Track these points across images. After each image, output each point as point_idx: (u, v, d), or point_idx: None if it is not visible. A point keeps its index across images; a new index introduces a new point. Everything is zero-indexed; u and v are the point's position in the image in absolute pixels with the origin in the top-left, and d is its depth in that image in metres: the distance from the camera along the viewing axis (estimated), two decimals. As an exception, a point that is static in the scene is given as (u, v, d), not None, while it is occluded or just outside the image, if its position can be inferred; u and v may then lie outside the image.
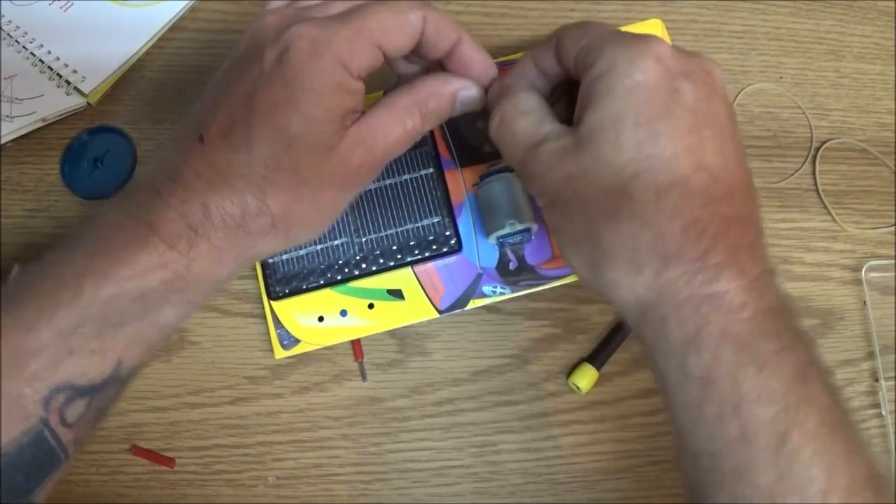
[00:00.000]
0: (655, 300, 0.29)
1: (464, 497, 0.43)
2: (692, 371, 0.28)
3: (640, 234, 0.29)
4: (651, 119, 0.29)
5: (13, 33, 0.48)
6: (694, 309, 0.29)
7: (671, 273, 0.29)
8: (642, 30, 0.44)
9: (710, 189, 0.29)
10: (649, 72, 0.30)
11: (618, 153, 0.29)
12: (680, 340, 0.29)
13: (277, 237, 0.33)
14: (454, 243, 0.42)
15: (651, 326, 0.30)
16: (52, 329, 0.30)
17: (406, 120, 0.34)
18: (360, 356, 0.44)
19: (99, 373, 0.32)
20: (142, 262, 0.31)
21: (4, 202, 0.46)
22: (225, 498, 0.43)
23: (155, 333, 0.33)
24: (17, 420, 0.30)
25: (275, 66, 0.31)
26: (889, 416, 0.44)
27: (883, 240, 0.47)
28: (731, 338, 0.28)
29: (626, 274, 0.30)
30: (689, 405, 0.29)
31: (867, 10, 0.51)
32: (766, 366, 0.28)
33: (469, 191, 0.43)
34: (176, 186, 0.32)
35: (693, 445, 0.29)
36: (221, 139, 0.32)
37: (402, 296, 0.42)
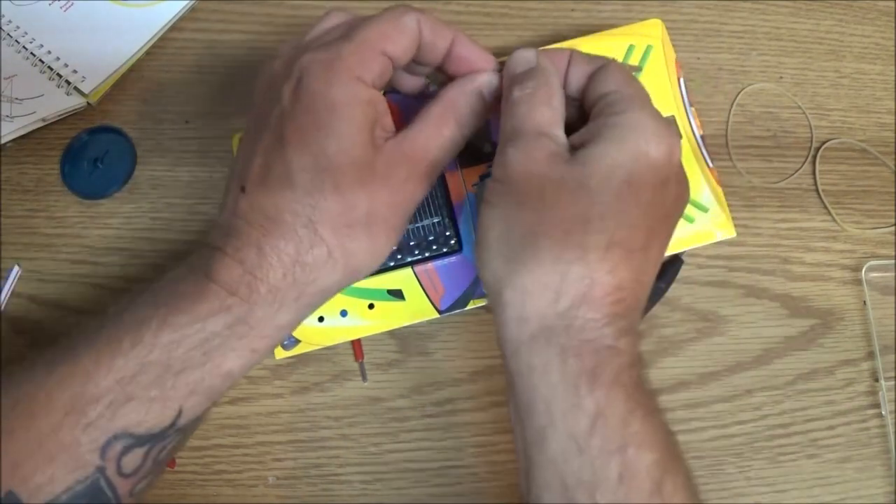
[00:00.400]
0: (560, 328, 0.30)
1: (464, 497, 0.43)
2: (584, 403, 0.29)
3: (576, 265, 0.30)
4: (640, 188, 0.31)
5: (13, 33, 0.48)
6: (593, 350, 0.30)
7: (586, 314, 0.30)
8: (642, 30, 0.44)
9: (641, 270, 0.31)
10: (661, 154, 0.31)
11: (599, 191, 0.31)
12: (576, 372, 0.30)
13: (336, 268, 0.33)
14: (454, 243, 0.42)
15: (544, 350, 0.30)
16: (110, 377, 0.30)
17: (442, 128, 0.34)
18: (361, 356, 0.44)
19: (158, 421, 0.31)
20: (203, 309, 0.31)
21: (4, 202, 0.46)
22: (225, 498, 0.43)
23: (217, 382, 0.32)
24: (73, 469, 0.30)
25: (293, 98, 0.32)
26: (889, 416, 0.44)
27: (883, 240, 0.47)
28: (624, 385, 0.30)
29: (543, 289, 0.30)
30: (576, 436, 0.29)
31: (867, 10, 0.51)
32: (649, 416, 0.30)
33: (469, 191, 0.43)
34: (229, 238, 0.32)
35: (564, 476, 0.29)
36: (262, 183, 0.32)
37: (402, 296, 0.42)
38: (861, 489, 0.43)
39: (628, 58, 0.44)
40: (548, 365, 0.30)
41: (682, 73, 0.45)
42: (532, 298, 0.31)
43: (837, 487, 0.43)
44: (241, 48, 0.49)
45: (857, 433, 0.44)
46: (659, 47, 0.44)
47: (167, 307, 0.31)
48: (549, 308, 0.30)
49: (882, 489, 0.43)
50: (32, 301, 0.45)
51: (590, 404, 0.29)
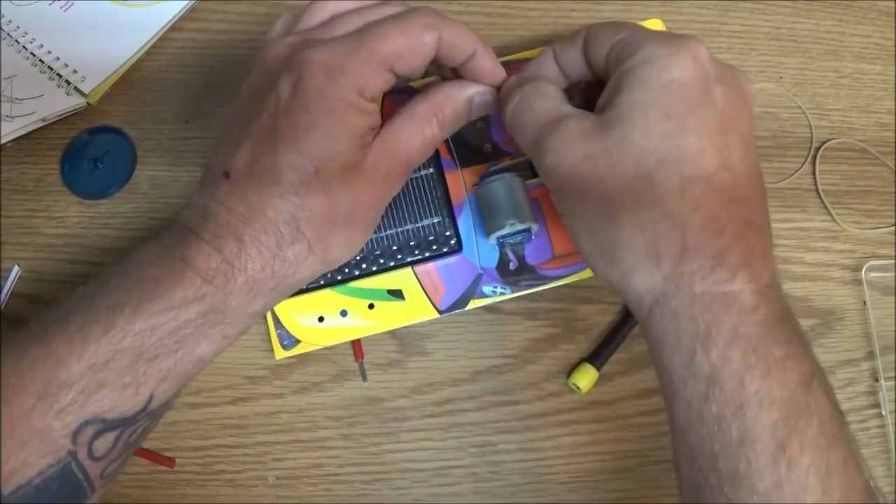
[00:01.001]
0: (669, 291, 0.29)
1: (464, 497, 0.43)
2: (699, 368, 0.28)
3: (660, 222, 0.29)
4: (682, 113, 0.29)
5: (13, 33, 0.48)
6: (707, 305, 0.28)
7: (689, 266, 0.29)
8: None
9: (732, 190, 0.29)
10: (686, 68, 0.30)
11: (645, 139, 0.30)
12: (690, 335, 0.29)
13: (315, 262, 0.33)
14: (454, 243, 0.42)
15: (660, 318, 0.30)
16: (83, 362, 0.30)
17: (425, 128, 0.34)
18: (361, 356, 0.44)
19: (130, 406, 0.31)
20: (177, 297, 0.31)
21: (4, 202, 0.46)
22: (225, 498, 0.43)
23: (189, 367, 0.32)
24: (45, 453, 0.30)
25: (291, 95, 0.31)
26: (889, 416, 0.44)
27: (883, 240, 0.47)
28: (741, 339, 0.28)
29: (641, 261, 0.30)
30: (692, 402, 0.29)
31: (867, 10, 0.51)
32: (773, 371, 0.28)
33: (469, 191, 0.43)
34: (208, 223, 0.32)
35: (692, 445, 0.29)
36: (248, 173, 0.32)
37: (402, 296, 0.42)
38: (861, 489, 0.43)
39: (628, 58, 0.44)
40: (666, 335, 0.29)
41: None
42: (637, 274, 0.30)
43: (837, 487, 0.43)
44: (241, 48, 0.49)
45: (857, 433, 0.44)
46: (659, 47, 0.44)
47: (140, 292, 0.31)
48: (655, 275, 0.29)
49: (882, 489, 0.43)
50: (32, 301, 0.45)
51: (705, 369, 0.28)
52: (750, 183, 0.30)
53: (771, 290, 0.29)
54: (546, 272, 0.42)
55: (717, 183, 0.29)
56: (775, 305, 0.29)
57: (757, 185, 0.31)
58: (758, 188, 0.31)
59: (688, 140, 0.29)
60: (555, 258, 0.42)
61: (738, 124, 0.31)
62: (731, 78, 0.32)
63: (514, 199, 0.40)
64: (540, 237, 0.43)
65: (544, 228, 0.43)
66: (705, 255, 0.29)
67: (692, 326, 0.29)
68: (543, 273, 0.42)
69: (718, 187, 0.29)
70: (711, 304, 0.28)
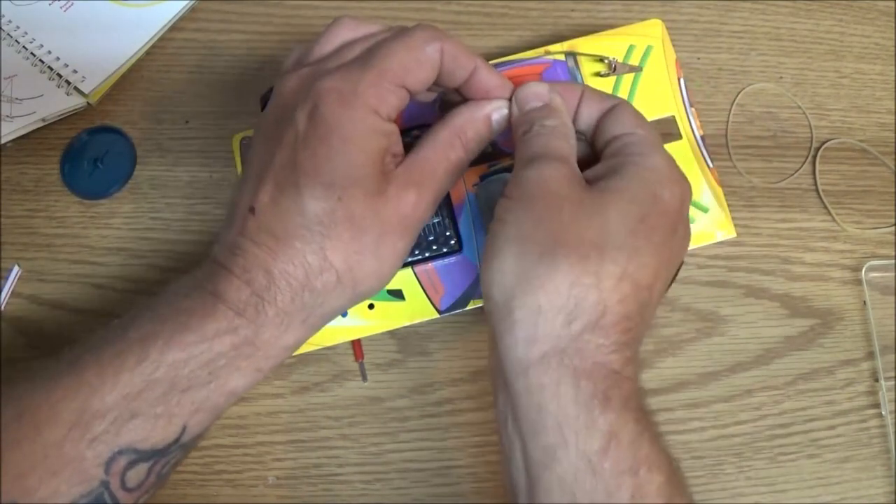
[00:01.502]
0: (570, 350, 0.30)
1: (464, 497, 0.43)
2: (598, 424, 0.29)
3: (590, 290, 0.30)
4: (652, 228, 0.32)
5: (13, 33, 0.48)
6: (604, 375, 0.30)
7: (597, 339, 0.30)
8: (642, 30, 0.44)
9: (647, 306, 0.32)
10: (674, 199, 0.33)
11: (616, 221, 0.31)
12: (590, 393, 0.30)
13: (345, 292, 0.33)
14: (454, 243, 0.42)
15: (555, 371, 0.30)
16: (116, 392, 0.30)
17: (449, 153, 0.34)
18: (361, 356, 0.44)
19: (163, 437, 0.31)
20: (210, 329, 0.31)
21: (4, 202, 0.46)
22: (225, 498, 0.43)
23: (222, 400, 0.33)
24: (78, 482, 0.30)
25: (308, 126, 0.32)
26: (889, 416, 0.44)
27: (883, 240, 0.47)
28: (632, 410, 0.30)
29: (557, 311, 0.30)
30: (589, 456, 0.29)
31: (867, 10, 0.51)
32: (657, 439, 0.30)
33: (469, 191, 0.43)
34: (237, 258, 0.32)
35: (579, 497, 0.29)
36: (273, 206, 0.32)
37: (402, 296, 0.42)
38: (861, 489, 0.43)
39: (628, 58, 0.44)
40: (560, 385, 0.30)
41: (682, 73, 0.45)
42: (546, 319, 0.30)
43: (837, 487, 0.43)
44: (241, 48, 0.49)
45: (857, 433, 0.44)
46: (659, 47, 0.44)
47: (174, 324, 0.31)
48: (563, 329, 0.30)
49: (882, 489, 0.43)
50: (32, 301, 0.45)
51: (603, 425, 0.29)
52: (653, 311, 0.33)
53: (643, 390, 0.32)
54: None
55: (641, 296, 0.31)
56: (644, 395, 0.32)
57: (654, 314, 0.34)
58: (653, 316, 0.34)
59: (646, 249, 0.31)
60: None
61: (674, 266, 0.34)
62: (688, 233, 0.35)
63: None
64: (540, 237, 0.43)
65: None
66: (611, 339, 0.31)
67: (591, 386, 0.30)
68: (543, 273, 0.42)
69: (640, 299, 0.31)
70: (608, 375, 0.30)
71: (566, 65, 0.44)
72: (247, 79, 0.48)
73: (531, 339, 0.31)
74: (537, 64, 0.44)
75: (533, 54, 0.44)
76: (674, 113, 0.43)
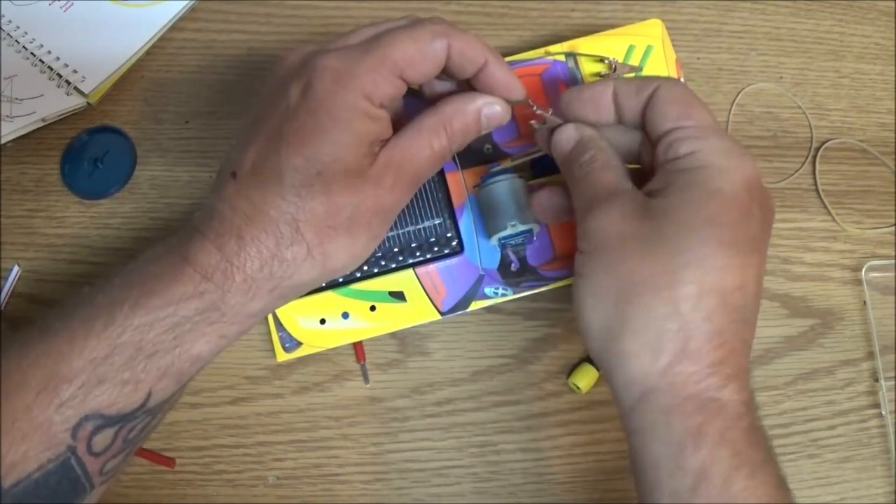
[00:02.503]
0: (663, 387, 0.30)
1: (464, 497, 0.43)
2: (688, 463, 0.29)
3: (669, 320, 0.30)
4: (721, 226, 0.31)
5: (13, 33, 0.48)
6: (698, 406, 0.30)
7: (687, 368, 0.30)
8: (642, 30, 0.44)
9: (740, 311, 0.31)
10: (735, 184, 0.31)
11: (679, 238, 0.31)
12: (680, 431, 0.30)
13: (314, 266, 0.33)
14: (456, 245, 0.42)
15: (649, 411, 0.30)
16: (83, 357, 0.31)
17: (433, 141, 0.34)
18: (362, 358, 0.44)
19: (129, 402, 0.32)
20: (176, 293, 0.31)
21: (4, 202, 0.46)
22: (225, 498, 0.43)
23: (187, 366, 0.33)
24: (46, 447, 0.30)
25: (300, 99, 0.32)
26: (889, 416, 0.44)
27: (883, 240, 0.47)
28: (729, 441, 0.29)
29: (641, 350, 0.30)
30: (678, 493, 0.29)
31: (867, 10, 0.51)
32: (756, 473, 0.29)
33: (470, 192, 0.43)
34: (213, 221, 0.32)
35: None
36: (253, 173, 0.32)
37: (403, 298, 0.42)
38: (861, 489, 0.43)
39: (628, 58, 0.44)
40: (654, 426, 0.30)
41: (682, 73, 0.45)
42: (633, 361, 0.31)
43: (837, 487, 0.43)
44: (241, 48, 0.49)
45: (857, 433, 0.44)
46: (659, 47, 0.44)
47: (141, 289, 0.32)
48: (650, 367, 0.30)
49: (882, 489, 0.43)
50: (32, 301, 0.45)
51: (694, 464, 0.29)
52: (754, 307, 0.32)
53: (752, 401, 0.31)
54: (547, 273, 0.42)
55: (731, 301, 0.30)
56: (754, 415, 0.31)
57: (757, 308, 0.32)
58: (757, 311, 0.32)
59: (718, 253, 0.30)
60: (556, 259, 0.42)
61: (762, 249, 0.32)
62: (768, 204, 0.33)
63: (515, 201, 0.40)
64: (541, 238, 0.43)
65: (545, 229, 0.43)
66: (703, 363, 0.30)
67: (683, 423, 0.30)
68: (545, 274, 0.42)
69: (730, 305, 0.30)
70: (702, 407, 0.30)
71: (566, 65, 0.44)
72: (247, 79, 0.48)
73: (627, 383, 0.31)
74: (538, 64, 0.44)
75: (533, 55, 0.44)
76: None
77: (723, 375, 0.30)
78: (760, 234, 0.32)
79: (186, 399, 0.43)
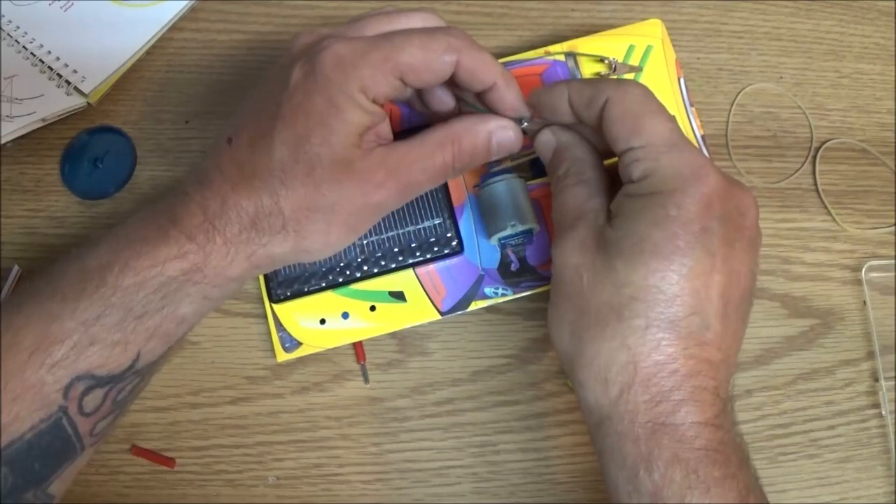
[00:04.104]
0: (615, 416, 0.31)
1: (464, 497, 0.43)
2: (643, 486, 0.30)
3: (616, 353, 0.30)
4: (669, 254, 0.30)
5: (13, 33, 0.48)
6: (650, 432, 0.30)
7: (638, 397, 0.30)
8: (642, 30, 0.44)
9: (696, 334, 0.30)
10: (687, 209, 0.30)
11: (626, 272, 0.30)
12: (633, 456, 0.30)
13: (287, 239, 0.34)
14: (455, 245, 0.42)
15: (606, 436, 0.31)
16: (75, 318, 0.31)
17: (437, 154, 0.34)
18: (363, 358, 0.44)
19: (118, 364, 0.33)
20: (162, 253, 0.32)
21: (4, 202, 0.46)
22: (225, 498, 0.43)
23: (173, 327, 0.34)
24: (38, 407, 0.31)
25: (301, 80, 0.32)
26: (889, 416, 0.44)
27: (883, 240, 0.47)
28: (682, 462, 0.29)
29: (594, 381, 0.31)
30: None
31: (867, 10, 0.51)
32: (712, 490, 0.29)
33: (470, 192, 0.43)
34: (201, 184, 0.34)
35: None
36: (248, 144, 0.33)
37: (403, 298, 0.42)
38: (861, 489, 0.43)
39: (628, 58, 0.44)
40: (612, 450, 0.31)
41: (682, 73, 0.45)
42: (588, 390, 0.31)
43: (837, 487, 0.43)
44: (241, 48, 0.49)
45: (857, 433, 0.44)
46: (659, 47, 0.44)
47: (129, 250, 0.33)
48: (603, 398, 0.31)
49: (882, 489, 0.43)
50: (32, 301, 0.45)
51: (649, 487, 0.30)
52: (719, 323, 0.31)
53: (717, 418, 0.30)
54: (547, 272, 0.42)
55: (683, 328, 0.30)
56: (719, 431, 0.30)
57: (728, 319, 0.31)
58: (728, 323, 0.31)
59: (667, 282, 0.30)
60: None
61: (727, 261, 0.31)
62: (734, 210, 0.31)
63: (515, 201, 0.40)
64: (541, 238, 0.43)
65: (545, 229, 0.43)
66: (651, 392, 0.30)
67: (635, 449, 0.30)
68: (545, 273, 0.42)
69: (683, 332, 0.30)
70: (654, 432, 0.30)
71: (566, 65, 0.44)
72: (247, 79, 0.48)
73: (587, 410, 0.32)
74: (537, 64, 0.44)
75: (533, 55, 0.44)
76: (674, 113, 0.43)
77: (674, 402, 0.30)
78: (722, 247, 0.31)
79: (186, 399, 0.43)
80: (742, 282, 0.32)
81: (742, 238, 0.32)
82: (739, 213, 0.32)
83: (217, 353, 0.44)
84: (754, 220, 0.32)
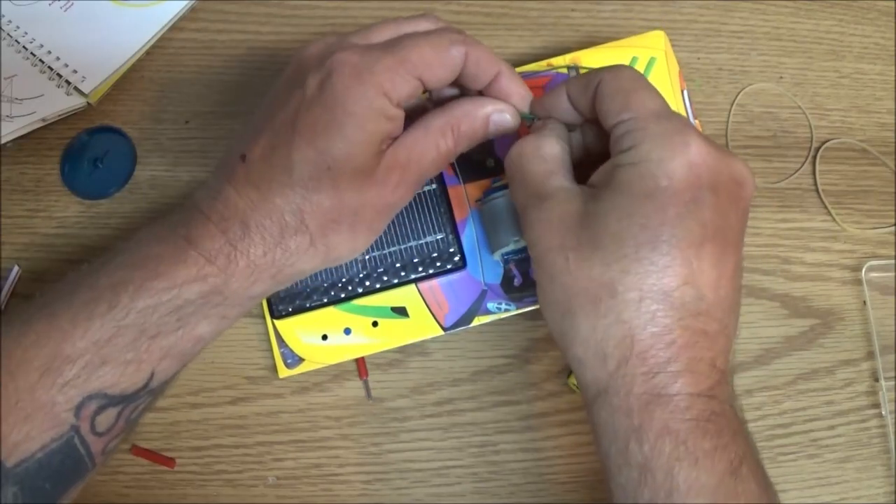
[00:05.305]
0: (611, 389, 0.30)
1: (464, 497, 0.43)
2: (633, 458, 0.30)
3: (612, 328, 0.30)
4: (658, 225, 0.30)
5: (13, 33, 0.48)
6: (643, 404, 0.30)
7: (635, 370, 0.30)
8: (646, 42, 0.44)
9: (690, 305, 0.30)
10: (674, 177, 0.30)
11: (615, 246, 0.30)
12: (625, 428, 0.30)
13: (316, 255, 0.34)
14: (458, 260, 0.42)
15: (601, 410, 0.31)
16: (87, 338, 0.31)
17: (440, 141, 0.34)
18: (365, 374, 0.44)
19: (132, 383, 0.32)
20: (180, 275, 0.32)
21: (4, 202, 0.46)
22: (225, 498, 0.43)
23: (189, 346, 0.33)
24: (49, 427, 0.31)
25: (317, 92, 0.32)
26: (889, 416, 0.44)
27: (883, 240, 0.47)
28: (672, 433, 0.29)
29: (590, 357, 0.31)
30: (626, 487, 0.30)
31: (867, 10, 0.51)
32: (700, 461, 0.29)
33: (472, 206, 0.43)
34: (217, 204, 0.33)
35: None
36: (263, 160, 0.33)
37: (406, 313, 0.42)
38: (861, 489, 0.43)
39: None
40: (605, 424, 0.31)
41: (684, 76, 0.44)
42: (585, 367, 0.31)
43: (837, 487, 0.44)
44: (241, 48, 0.49)
45: (857, 433, 0.44)
46: (662, 59, 0.43)
47: (144, 270, 0.32)
48: (600, 372, 0.31)
49: (882, 489, 0.43)
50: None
51: (638, 459, 0.30)
52: (714, 294, 0.30)
53: (712, 390, 0.30)
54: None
55: (677, 298, 0.30)
56: (712, 402, 0.30)
57: (723, 290, 0.31)
58: (723, 294, 0.31)
59: (657, 253, 0.30)
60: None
61: (720, 231, 0.31)
62: (727, 179, 0.31)
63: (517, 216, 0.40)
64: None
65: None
66: (648, 364, 0.30)
67: (627, 421, 0.30)
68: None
69: (677, 303, 0.30)
70: (648, 403, 0.30)
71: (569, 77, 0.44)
72: (247, 79, 0.48)
73: (584, 385, 0.32)
74: (540, 77, 0.44)
75: (536, 67, 0.44)
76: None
77: (670, 373, 0.30)
78: (715, 217, 0.30)
79: (186, 399, 0.43)
80: (735, 252, 0.32)
81: (738, 209, 0.32)
82: (735, 183, 0.31)
83: (217, 353, 0.44)
84: (750, 191, 0.32)
